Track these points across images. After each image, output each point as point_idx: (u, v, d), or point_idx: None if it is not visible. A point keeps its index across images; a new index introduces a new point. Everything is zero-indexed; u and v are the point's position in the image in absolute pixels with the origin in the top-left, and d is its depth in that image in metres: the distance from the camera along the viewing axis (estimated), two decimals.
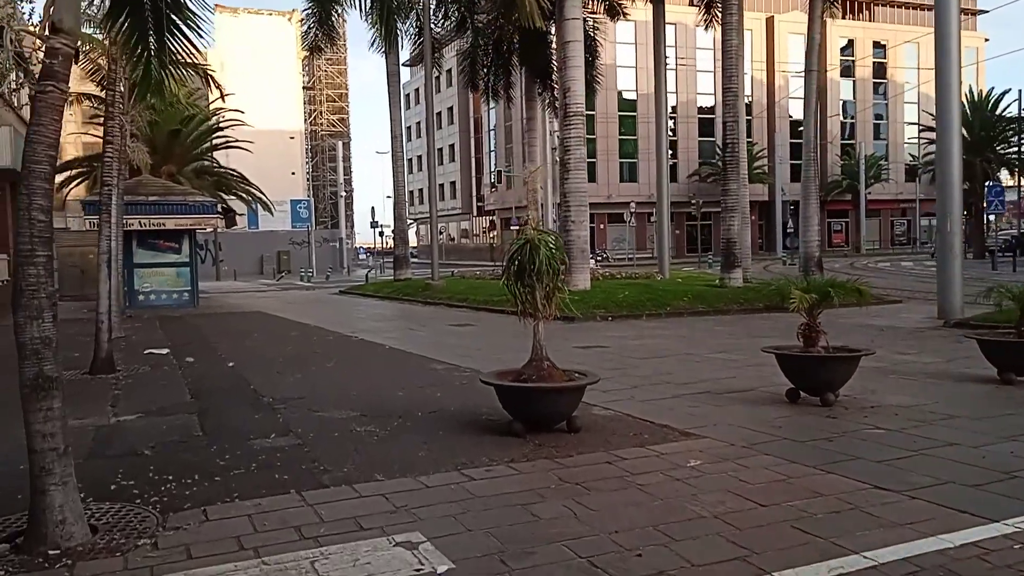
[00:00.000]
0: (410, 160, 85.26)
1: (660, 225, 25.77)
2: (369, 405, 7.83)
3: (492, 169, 72.90)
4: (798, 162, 67.74)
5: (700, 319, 16.59)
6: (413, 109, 79.09)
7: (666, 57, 27.32)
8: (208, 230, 29.26)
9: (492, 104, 71.59)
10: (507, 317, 18.73)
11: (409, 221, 49.59)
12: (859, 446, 5.94)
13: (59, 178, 36.93)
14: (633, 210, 45.55)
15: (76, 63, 22.44)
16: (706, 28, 26.05)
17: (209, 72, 22.43)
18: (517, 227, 63.69)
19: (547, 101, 33.01)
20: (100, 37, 14.39)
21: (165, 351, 12.47)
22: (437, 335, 14.86)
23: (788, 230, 50.54)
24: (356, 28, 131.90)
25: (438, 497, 4.92)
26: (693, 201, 53.30)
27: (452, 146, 78.70)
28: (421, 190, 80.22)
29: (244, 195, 34.21)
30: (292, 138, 73.00)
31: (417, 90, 79.63)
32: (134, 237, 21.58)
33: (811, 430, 6.47)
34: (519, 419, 6.41)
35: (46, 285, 4.44)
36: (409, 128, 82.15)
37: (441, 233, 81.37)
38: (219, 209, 23.34)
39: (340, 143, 68.60)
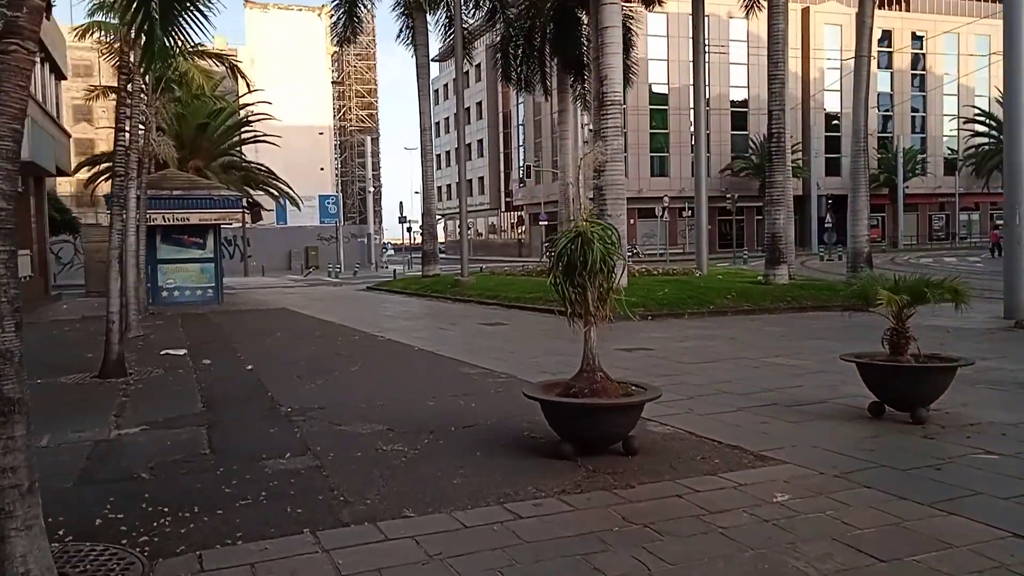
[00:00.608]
0: (438, 156, 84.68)
1: (699, 220, 24.75)
2: (396, 417, 7.03)
3: (520, 164, 72.01)
4: (834, 156, 66.57)
5: (746, 319, 15.61)
6: (442, 104, 78.44)
7: (707, 48, 26.27)
8: (234, 225, 28.72)
9: (521, 99, 70.91)
10: (540, 316, 17.96)
11: (437, 217, 48.94)
12: (974, 477, 5.02)
13: (87, 173, 36.73)
14: (667, 204, 44.42)
15: (102, 57, 21.90)
16: (747, 15, 24.98)
17: (235, 63, 21.82)
18: (545, 222, 62.95)
19: (578, 93, 32.12)
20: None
21: (182, 352, 11.78)
22: (468, 335, 14.05)
23: (826, 225, 49.03)
24: (384, 23, 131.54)
25: (479, 542, 4.09)
26: (728, 196, 52.03)
27: (480, 141, 77.93)
28: (449, 185, 79.61)
29: (272, 190, 33.73)
30: (321, 134, 72.74)
31: (446, 85, 78.99)
32: (158, 232, 21.04)
33: (910, 455, 5.55)
34: (569, 439, 5.56)
35: (7, 287, 3.67)
36: (437, 123, 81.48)
37: (469, 229, 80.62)
38: (244, 204, 22.72)
39: (369, 138, 68.07)
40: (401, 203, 41.21)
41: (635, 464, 5.41)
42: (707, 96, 58.42)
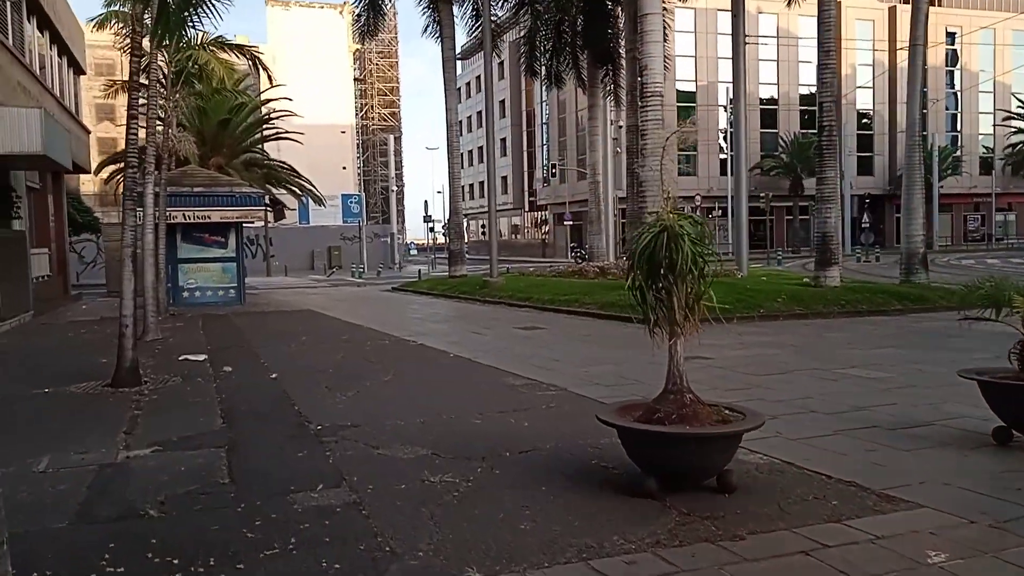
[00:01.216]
0: (462, 155, 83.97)
1: (739, 219, 23.71)
2: (441, 439, 6.16)
3: (544, 163, 71.09)
4: (865, 154, 65.08)
5: (799, 324, 14.59)
6: (465, 103, 77.63)
7: (745, 41, 25.20)
8: (256, 224, 28.07)
9: (544, 97, 69.95)
10: (577, 319, 17.02)
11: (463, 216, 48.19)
12: None
13: (109, 169, 36.23)
14: (698, 203, 43.38)
15: (122, 51, 21.26)
16: (788, 4, 23.96)
17: (256, 55, 21.11)
18: (570, 222, 62.00)
19: (609, 88, 31.19)
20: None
21: (202, 358, 10.99)
22: (504, 340, 13.17)
23: (863, 225, 47.67)
24: (405, 21, 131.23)
25: None
26: (762, 195, 50.88)
27: (504, 140, 77.03)
28: (472, 185, 78.87)
29: (295, 188, 33.06)
30: (343, 132, 72.23)
31: (468, 84, 78.21)
32: (178, 231, 20.39)
33: None
34: (653, 473, 4.66)
35: None
36: (460, 122, 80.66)
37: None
38: (267, 201, 22.01)
39: (391, 137, 67.44)
40: (426, 202, 40.33)
41: (735, 505, 4.50)
42: (746, 92, 57.35)
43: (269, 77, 23.57)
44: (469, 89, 78.76)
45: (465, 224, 71.98)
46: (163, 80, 20.43)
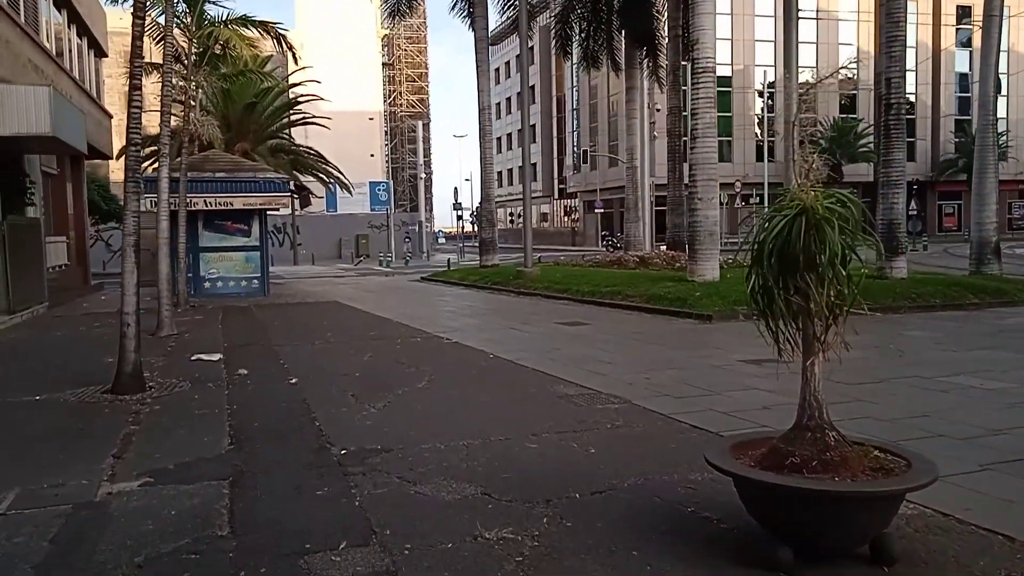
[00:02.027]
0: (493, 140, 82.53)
1: None
2: (491, 471, 5.03)
3: (574, 150, 69.67)
4: (909, 139, 62.78)
5: (871, 320, 13.23)
6: (494, 89, 76.28)
7: (799, 15, 23.67)
8: (281, 211, 27.14)
9: (575, 83, 68.43)
10: (622, 314, 15.77)
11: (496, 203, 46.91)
12: None
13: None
14: (738, 190, 41.89)
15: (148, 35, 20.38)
16: None
17: (282, 33, 20.05)
18: (601, 210, 60.60)
19: (651, 68, 29.83)
20: None
21: (216, 358, 9.96)
22: (548, 338, 11.97)
23: (911, 213, 45.72)
24: (433, 7, 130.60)
25: None
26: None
27: (534, 127, 75.67)
28: (501, 172, 77.64)
29: (322, 175, 32.09)
30: (371, 119, 71.32)
31: (497, 69, 76.82)
32: (200, 218, 19.46)
33: None
34: (786, 538, 3.47)
35: None
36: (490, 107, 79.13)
37: (519, 217, 78.30)
38: (292, 188, 21.00)
39: (420, 123, 66.35)
40: (456, 188, 39.12)
41: None
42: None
43: (294, 57, 22.49)
44: (498, 75, 77.42)
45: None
46: (184, 60, 19.49)
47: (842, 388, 7.63)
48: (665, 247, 25.77)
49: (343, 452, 5.56)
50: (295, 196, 21.88)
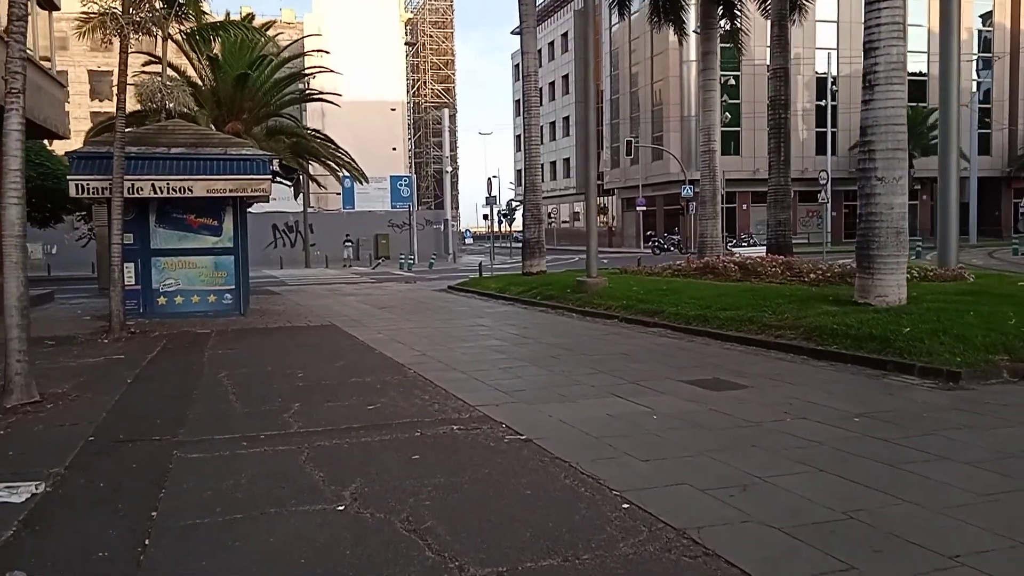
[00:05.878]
0: (517, 137, 77.05)
1: (946, 199, 16.79)
2: None
3: (612, 144, 64.16)
4: (984, 131, 56.52)
5: None
6: (521, 82, 70.93)
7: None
8: (293, 207, 21.87)
9: (615, 69, 62.91)
10: (770, 359, 8.98)
11: (517, 203, 41.45)
12: None
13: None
14: (824, 181, 36.54)
15: None
16: None
17: None
18: (643, 207, 54.97)
19: (726, 30, 24.53)
20: None
21: (25, 496, 4.69)
22: (697, 432, 6.44)
23: (1021, 211, 39.80)
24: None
25: None
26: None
27: (567, 119, 70.18)
28: (541, 165, 72.21)
29: (332, 163, 26.72)
30: (393, 110, 66.13)
31: (539, 51, 71.45)
32: (152, 209, 14.34)
33: None
34: None
35: None
36: (518, 102, 73.74)
37: (552, 216, 72.58)
38: (274, 168, 15.80)
39: (446, 113, 61.12)
40: (490, 180, 33.91)
41: None
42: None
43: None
44: (539, 57, 72.09)
45: (520, 211, 65.53)
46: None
47: None
48: (766, 250, 20.35)
49: None
50: (286, 182, 16.63)
